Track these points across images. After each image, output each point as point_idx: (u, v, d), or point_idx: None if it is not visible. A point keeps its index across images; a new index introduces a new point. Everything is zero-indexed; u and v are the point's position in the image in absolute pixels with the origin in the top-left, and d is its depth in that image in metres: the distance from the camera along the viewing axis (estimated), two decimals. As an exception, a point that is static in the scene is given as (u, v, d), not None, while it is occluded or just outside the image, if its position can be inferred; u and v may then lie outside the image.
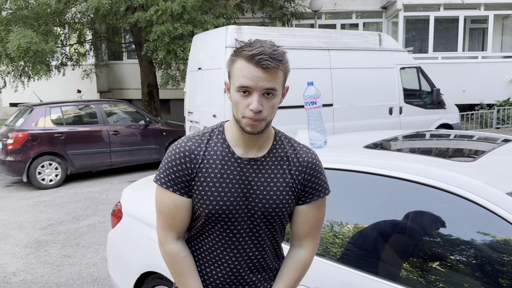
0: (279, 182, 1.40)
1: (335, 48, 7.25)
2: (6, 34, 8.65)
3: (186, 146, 1.39)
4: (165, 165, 1.39)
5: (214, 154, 1.38)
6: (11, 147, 7.61)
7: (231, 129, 1.40)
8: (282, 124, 6.76)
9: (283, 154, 1.42)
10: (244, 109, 1.29)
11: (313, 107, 2.23)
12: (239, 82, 1.28)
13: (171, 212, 1.40)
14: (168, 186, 1.38)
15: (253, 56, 1.25)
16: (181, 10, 8.98)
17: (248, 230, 1.40)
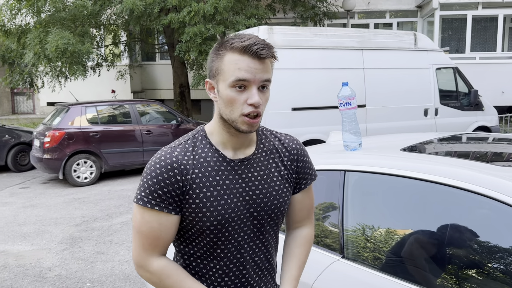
0: (275, 176, 1.34)
1: (369, 48, 7.13)
2: (44, 35, 8.93)
3: (172, 157, 1.22)
4: (149, 181, 1.21)
5: (204, 161, 1.25)
6: (48, 145, 7.85)
7: (217, 132, 1.29)
8: (315, 125, 6.74)
9: (271, 147, 1.37)
10: (242, 106, 1.18)
11: (347, 108, 2.18)
12: (235, 76, 1.16)
13: (154, 232, 1.23)
14: (154, 205, 1.21)
15: (249, 47, 1.16)
16: (213, 11, 9.04)
17: (252, 235, 1.31)
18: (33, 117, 18.28)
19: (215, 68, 1.22)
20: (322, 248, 2.07)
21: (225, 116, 1.23)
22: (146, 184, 1.21)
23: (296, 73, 6.67)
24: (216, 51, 1.21)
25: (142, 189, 1.22)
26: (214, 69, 1.22)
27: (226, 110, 1.21)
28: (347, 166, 2.07)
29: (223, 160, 1.27)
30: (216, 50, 1.22)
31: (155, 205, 1.21)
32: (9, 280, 4.18)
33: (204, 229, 1.25)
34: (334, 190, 2.10)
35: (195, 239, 1.29)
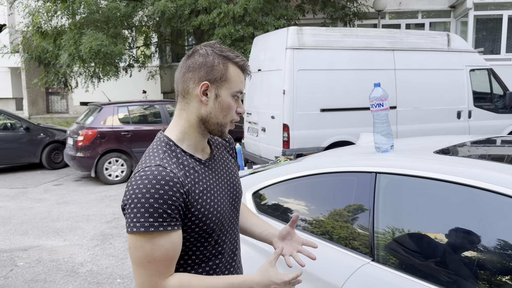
0: (233, 165, 1.50)
1: (400, 48, 7.01)
2: (79, 37, 9.19)
3: (169, 173, 1.19)
4: (153, 204, 1.14)
5: (189, 168, 1.27)
6: (81, 144, 8.07)
7: (189, 136, 1.31)
8: (343, 126, 6.68)
9: (218, 142, 1.50)
10: (233, 113, 1.33)
11: (379, 110, 2.14)
12: (239, 87, 1.30)
13: (169, 254, 1.19)
14: (166, 226, 1.16)
15: (246, 66, 1.32)
16: (243, 12, 9.09)
17: (234, 220, 1.44)
18: (66, 116, 18.83)
19: (219, 75, 1.27)
20: (351, 250, 2.05)
21: (213, 120, 1.30)
22: (152, 208, 1.14)
23: (325, 74, 6.63)
24: (222, 60, 1.28)
25: (147, 215, 1.14)
26: (219, 75, 1.27)
27: (221, 114, 1.30)
28: (378, 168, 2.04)
29: (199, 163, 1.32)
30: (218, 57, 1.28)
31: (167, 226, 1.16)
32: (43, 274, 4.32)
33: (207, 231, 1.28)
34: (364, 192, 2.08)
35: (197, 244, 1.30)
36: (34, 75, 15.50)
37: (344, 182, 2.21)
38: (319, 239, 2.19)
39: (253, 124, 7.59)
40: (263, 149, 7.22)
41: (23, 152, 9.57)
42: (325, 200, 2.30)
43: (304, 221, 2.34)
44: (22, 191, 7.94)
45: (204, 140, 1.36)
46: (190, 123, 1.30)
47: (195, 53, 1.30)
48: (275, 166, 3.06)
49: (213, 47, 1.29)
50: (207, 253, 1.33)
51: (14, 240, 5.31)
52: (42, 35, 9.95)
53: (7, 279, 4.22)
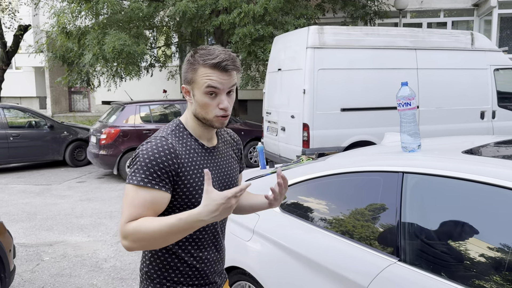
0: (234, 161, 1.68)
1: (423, 47, 6.93)
2: (102, 37, 9.34)
3: (168, 144, 1.43)
4: (148, 164, 1.37)
5: (190, 148, 1.49)
6: (104, 142, 8.21)
7: (192, 126, 1.53)
8: (364, 126, 6.64)
9: (225, 139, 1.69)
10: (214, 109, 1.46)
11: (406, 109, 2.13)
12: (208, 84, 1.42)
13: (146, 205, 1.37)
14: (153, 184, 1.37)
15: (219, 64, 1.41)
16: (263, 12, 9.10)
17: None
18: (88, 115, 19.16)
19: (189, 78, 1.47)
20: (376, 250, 2.05)
21: (200, 116, 1.49)
22: (146, 167, 1.37)
23: (346, 73, 6.60)
24: (190, 65, 1.46)
25: (141, 172, 1.37)
26: (189, 79, 1.47)
27: (202, 111, 1.47)
28: (406, 168, 2.03)
29: (202, 147, 1.53)
30: (190, 63, 1.46)
31: (155, 185, 1.37)
32: (68, 269, 4.42)
33: (195, 203, 1.46)
34: (391, 192, 2.07)
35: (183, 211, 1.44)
36: (58, 74, 15.81)
37: (370, 181, 2.21)
38: (341, 237, 2.20)
39: (273, 123, 7.61)
40: (282, 149, 7.22)
41: (47, 149, 9.79)
42: (350, 200, 2.30)
43: (328, 220, 2.34)
44: (46, 187, 8.13)
45: (208, 131, 1.55)
46: (190, 116, 1.54)
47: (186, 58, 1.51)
48: (297, 165, 3.07)
49: (194, 52, 1.47)
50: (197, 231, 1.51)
51: (40, 236, 5.44)
52: (66, 35, 10.15)
53: (34, 273, 4.33)
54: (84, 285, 4.05)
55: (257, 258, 2.57)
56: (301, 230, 2.42)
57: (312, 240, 2.33)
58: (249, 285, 2.70)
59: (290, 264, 2.33)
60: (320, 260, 2.20)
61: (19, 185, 8.39)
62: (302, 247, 2.33)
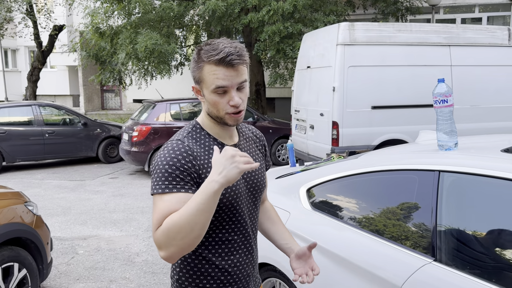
0: (258, 158, 1.60)
1: (457, 44, 6.75)
2: (135, 36, 9.52)
3: (185, 146, 1.37)
4: (168, 170, 1.32)
5: (209, 149, 1.43)
6: (136, 139, 8.38)
7: (209, 125, 1.47)
8: (395, 124, 6.53)
9: (247, 136, 1.61)
10: (225, 106, 1.39)
11: (443, 106, 2.09)
12: (215, 84, 1.36)
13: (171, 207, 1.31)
14: (179, 188, 1.31)
15: (223, 59, 1.34)
16: (292, 9, 9.06)
17: (250, 207, 1.52)
18: (120, 112, 19.58)
19: (197, 77, 1.41)
20: (409, 249, 2.02)
21: (212, 114, 1.43)
22: (167, 173, 1.32)
23: (377, 70, 6.50)
24: (196, 63, 1.40)
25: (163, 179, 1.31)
26: (197, 78, 1.42)
27: (214, 110, 1.41)
28: (442, 166, 1.99)
29: (222, 146, 1.46)
30: (195, 62, 1.40)
31: (180, 188, 1.32)
32: (102, 262, 4.54)
33: (221, 206, 1.40)
34: (426, 190, 2.03)
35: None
36: (91, 73, 16.22)
37: (404, 180, 2.17)
38: (374, 236, 2.17)
39: (301, 121, 7.57)
40: (311, 147, 7.19)
41: (81, 146, 10.07)
42: (384, 199, 2.27)
43: (360, 218, 2.32)
44: (80, 183, 8.36)
45: (225, 129, 1.48)
46: (205, 115, 1.48)
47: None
48: (328, 163, 3.05)
49: (199, 49, 1.40)
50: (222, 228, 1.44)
51: (75, 229, 5.60)
52: (100, 35, 10.39)
53: (69, 265, 4.47)
54: (117, 279, 4.15)
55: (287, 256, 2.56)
56: (332, 228, 2.41)
57: (343, 238, 2.31)
58: (279, 282, 2.71)
59: (321, 262, 2.32)
60: (352, 258, 2.18)
61: (54, 180, 8.66)
62: (333, 245, 2.32)
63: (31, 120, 9.61)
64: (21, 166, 10.19)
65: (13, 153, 9.34)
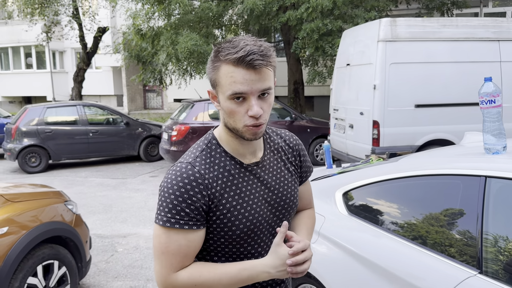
0: (286, 174, 1.37)
1: (507, 38, 6.39)
2: (175, 37, 9.66)
3: (195, 173, 1.19)
4: (174, 201, 1.17)
5: (224, 171, 1.24)
6: (175, 138, 8.50)
7: (226, 140, 1.27)
8: (440, 124, 6.25)
9: (276, 146, 1.39)
10: (243, 117, 1.17)
11: (490, 107, 1.94)
12: (232, 90, 1.14)
13: (182, 250, 1.20)
14: (182, 225, 1.17)
15: (242, 58, 1.12)
16: (332, 6, 8.89)
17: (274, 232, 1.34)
18: (161, 112, 20.03)
19: (213, 80, 1.21)
20: (452, 260, 1.88)
21: (229, 125, 1.22)
22: (171, 204, 1.17)
23: (421, 67, 6.25)
24: (212, 62, 1.20)
25: (167, 210, 1.18)
26: (213, 80, 1.21)
27: (230, 120, 1.20)
28: (489, 171, 1.85)
29: (240, 166, 1.27)
30: (211, 61, 1.20)
31: (184, 224, 1.18)
32: (139, 261, 4.61)
33: (234, 238, 1.24)
34: (471, 197, 1.89)
35: (223, 249, 1.28)
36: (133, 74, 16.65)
37: (447, 186, 2.04)
38: (414, 245, 2.05)
39: (340, 120, 7.41)
40: (350, 147, 7.01)
41: (123, 145, 10.34)
42: (425, 205, 2.15)
43: (399, 225, 2.20)
44: (122, 181, 8.58)
45: (245, 144, 1.27)
46: (223, 126, 1.27)
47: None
48: (366, 166, 2.93)
49: (217, 47, 1.19)
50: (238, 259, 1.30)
51: (115, 227, 5.74)
52: (141, 36, 10.63)
53: (108, 263, 4.57)
54: (153, 278, 4.19)
55: (322, 261, 2.48)
56: (369, 234, 2.31)
57: (381, 246, 2.20)
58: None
59: (357, 269, 2.23)
60: (389, 267, 2.07)
61: (97, 178, 8.94)
62: (370, 253, 2.21)
63: (76, 120, 9.97)
64: (66, 164, 10.59)
65: (58, 152, 9.72)
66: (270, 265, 1.20)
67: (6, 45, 21.66)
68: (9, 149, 9.52)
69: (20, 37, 20.57)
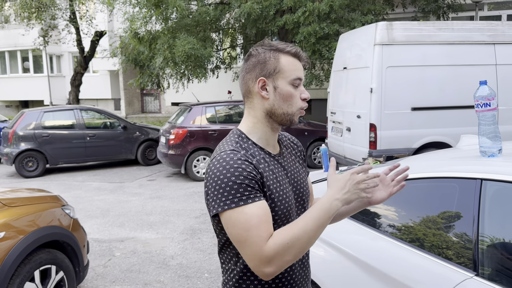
0: (300, 166, 1.52)
1: (502, 42, 6.42)
2: (172, 41, 9.67)
3: (241, 157, 1.28)
4: (235, 182, 1.22)
5: (260, 158, 1.35)
6: (173, 142, 8.50)
7: (258, 130, 1.39)
8: (437, 126, 6.28)
9: (286, 143, 1.54)
10: (298, 100, 1.36)
11: (486, 110, 1.95)
12: (296, 75, 1.34)
13: (263, 219, 1.23)
14: (252, 198, 1.23)
15: (298, 52, 1.35)
16: (328, 10, 8.93)
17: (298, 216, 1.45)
18: (159, 115, 20.01)
19: (272, 68, 1.34)
20: (449, 262, 1.90)
21: (280, 111, 1.36)
22: (235, 186, 1.22)
23: (417, 70, 6.28)
24: (272, 53, 1.35)
25: (233, 192, 1.22)
26: (272, 68, 1.34)
27: (284, 104, 1.35)
28: (485, 174, 1.86)
29: (269, 155, 1.39)
30: (272, 52, 1.35)
31: (254, 197, 1.24)
32: (137, 265, 4.60)
33: (276, 219, 1.32)
34: (467, 200, 1.91)
35: None
36: (131, 77, 16.65)
37: (443, 189, 2.05)
38: (410, 247, 2.06)
39: (337, 123, 7.43)
40: (347, 150, 7.03)
41: (120, 149, 10.34)
42: (420, 208, 2.16)
43: (396, 227, 2.21)
44: (119, 185, 8.57)
45: (274, 134, 1.42)
46: (257, 119, 1.39)
47: (249, 56, 1.40)
48: (364, 169, 2.94)
49: (263, 45, 1.37)
50: None
51: (113, 231, 5.73)
52: (139, 40, 10.64)
53: (106, 267, 4.56)
54: (151, 282, 4.19)
55: (320, 264, 2.49)
56: (367, 237, 2.32)
57: (378, 249, 2.21)
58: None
59: (354, 273, 2.24)
60: (387, 270, 2.08)
61: (94, 182, 8.92)
62: (367, 256, 2.22)
63: (73, 124, 9.96)
64: (63, 168, 10.57)
65: (56, 156, 9.70)
66: (334, 192, 1.29)
67: (3, 49, 21.63)
68: (6, 153, 9.51)
69: (17, 41, 20.55)
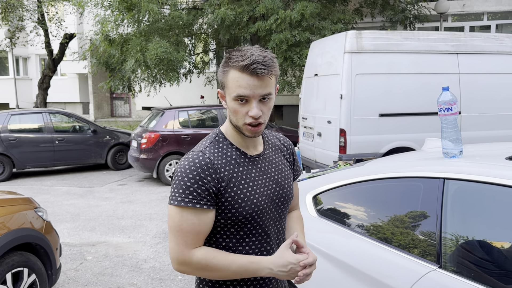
0: (285, 167, 1.57)
1: (465, 52, 6.74)
2: (145, 44, 9.63)
3: (206, 159, 1.37)
4: (187, 183, 1.33)
5: (231, 159, 1.42)
6: (145, 146, 8.45)
7: (232, 134, 1.46)
8: (403, 132, 6.52)
9: (274, 144, 1.58)
10: (244, 116, 1.36)
11: (448, 114, 2.10)
12: (236, 92, 1.33)
13: (196, 228, 1.35)
14: (194, 203, 1.33)
15: (247, 66, 1.30)
16: (300, 18, 9.12)
17: (275, 219, 1.50)
18: (129, 120, 19.73)
19: (222, 82, 1.40)
20: (415, 256, 2.02)
21: (233, 122, 1.41)
22: (184, 186, 1.33)
23: (385, 78, 6.51)
24: (222, 67, 1.39)
25: (181, 191, 1.34)
26: (222, 83, 1.40)
27: (233, 118, 1.40)
28: (447, 174, 2.00)
29: (244, 156, 1.45)
30: (222, 66, 1.39)
31: (196, 203, 1.33)
32: (110, 268, 4.57)
33: (240, 219, 1.39)
34: (431, 198, 2.04)
35: (229, 230, 1.43)
36: (100, 81, 16.41)
37: (409, 187, 2.18)
38: (380, 243, 2.18)
39: (309, 128, 7.59)
40: (318, 154, 7.19)
41: (90, 153, 10.17)
42: (388, 206, 2.28)
43: (366, 226, 2.33)
44: (89, 190, 8.44)
45: (247, 139, 1.45)
46: (229, 122, 1.46)
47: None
48: (335, 171, 3.06)
49: (229, 54, 1.38)
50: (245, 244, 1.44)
51: (83, 236, 5.65)
52: (109, 42, 10.53)
53: (78, 271, 4.51)
54: (124, 285, 4.18)
55: (294, 262, 2.57)
56: (339, 235, 2.42)
57: (350, 246, 2.32)
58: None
59: (327, 270, 2.33)
60: (359, 266, 2.19)
61: (63, 187, 8.75)
62: (340, 253, 2.32)
63: (42, 127, 9.74)
64: (31, 172, 10.31)
65: (23, 160, 9.46)
66: (274, 263, 1.36)
67: (-33, 50, 20.89)
68: (-30, 157, 9.20)
69: (-19, 42, 19.89)
